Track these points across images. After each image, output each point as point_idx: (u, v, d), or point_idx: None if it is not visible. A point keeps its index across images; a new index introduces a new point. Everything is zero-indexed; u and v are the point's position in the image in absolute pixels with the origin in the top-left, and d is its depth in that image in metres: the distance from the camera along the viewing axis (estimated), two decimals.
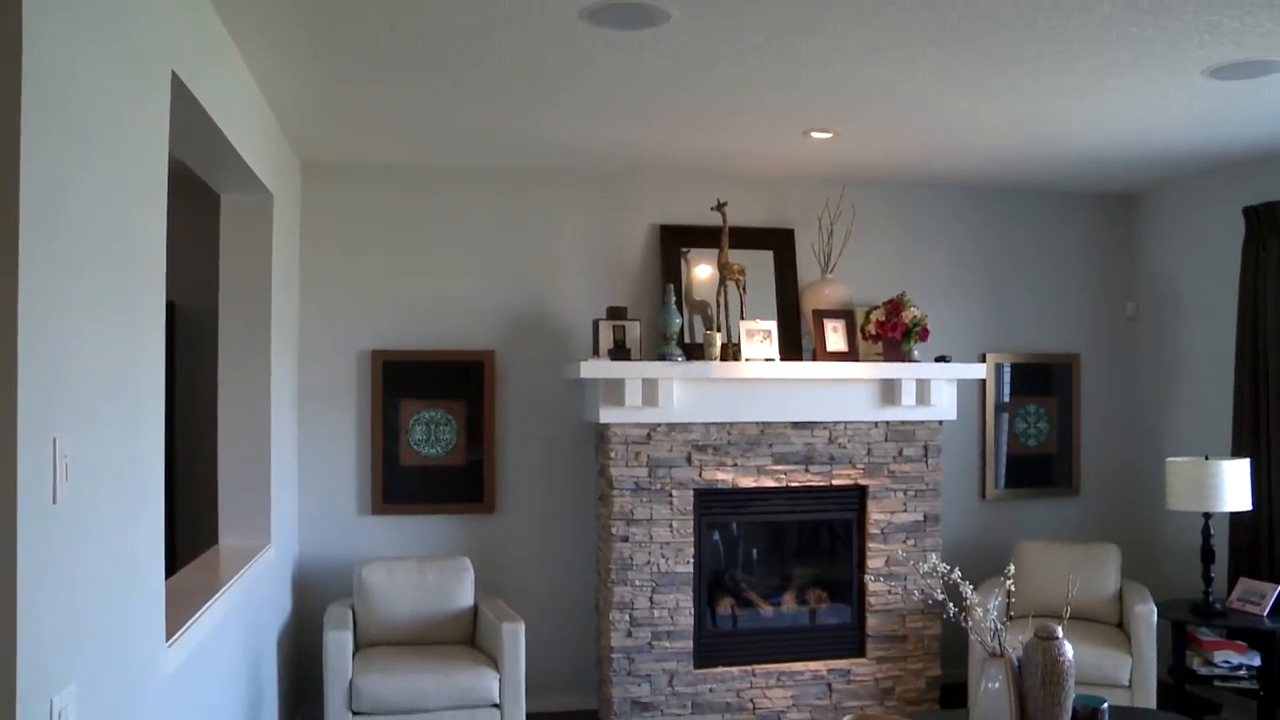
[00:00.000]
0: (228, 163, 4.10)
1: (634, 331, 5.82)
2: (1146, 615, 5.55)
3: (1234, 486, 5.54)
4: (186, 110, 3.28)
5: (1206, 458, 5.69)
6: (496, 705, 5.20)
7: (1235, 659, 5.50)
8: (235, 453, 4.78)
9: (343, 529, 5.91)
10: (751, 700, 5.86)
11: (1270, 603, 5.52)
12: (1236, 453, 5.91)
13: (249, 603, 4.35)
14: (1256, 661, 5.48)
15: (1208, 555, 5.71)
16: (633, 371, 5.54)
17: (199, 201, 4.99)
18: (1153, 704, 5.45)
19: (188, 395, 5.93)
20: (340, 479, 5.92)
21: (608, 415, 5.60)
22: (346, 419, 5.93)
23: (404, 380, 5.96)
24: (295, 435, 5.75)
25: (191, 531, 5.78)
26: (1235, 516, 5.91)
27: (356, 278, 5.93)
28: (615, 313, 5.84)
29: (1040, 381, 6.90)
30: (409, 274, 5.98)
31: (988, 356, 6.75)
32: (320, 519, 5.89)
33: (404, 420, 5.96)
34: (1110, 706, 4.21)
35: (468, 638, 5.64)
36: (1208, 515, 5.69)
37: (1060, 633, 4.00)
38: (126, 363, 2.55)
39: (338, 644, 5.03)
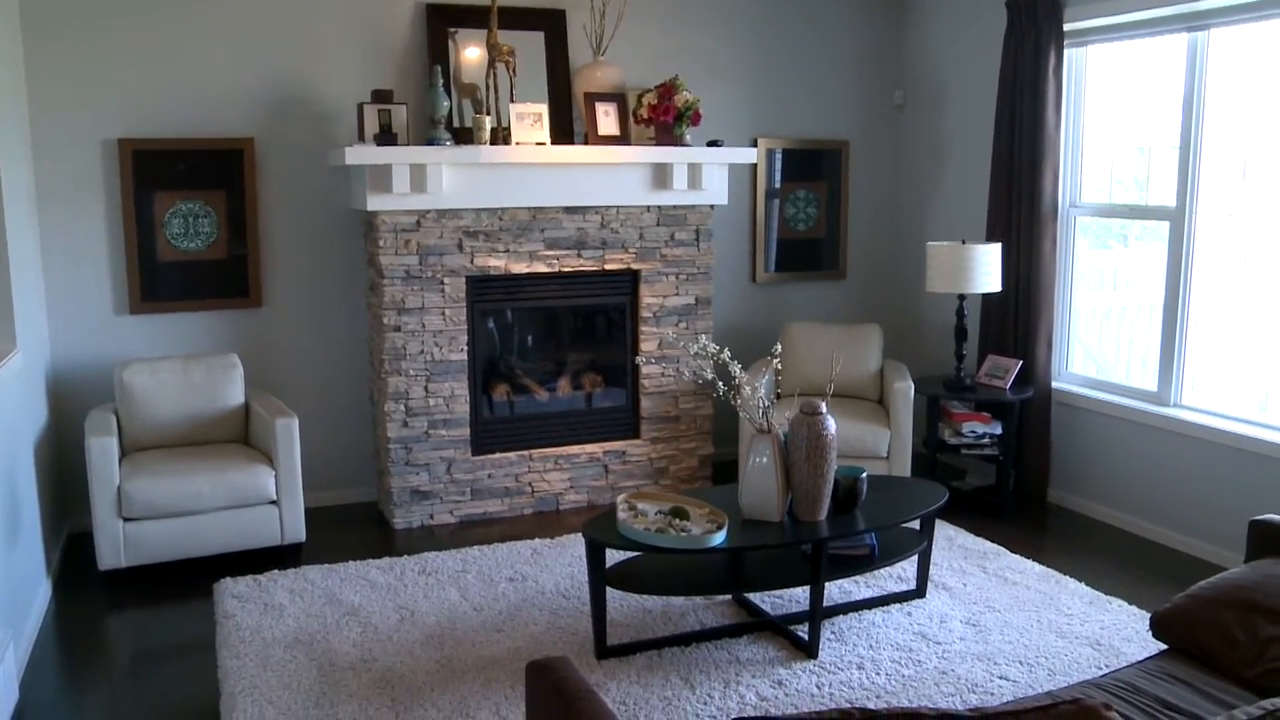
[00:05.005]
0: None
1: (400, 116, 5.61)
2: (904, 391, 5.86)
3: (986, 269, 5.84)
4: None
5: (963, 242, 5.95)
6: (273, 502, 5.16)
7: (980, 429, 5.91)
8: None
9: (99, 330, 5.61)
10: (530, 484, 5.98)
11: (1012, 377, 5.93)
12: (990, 238, 6.21)
13: None
14: (998, 430, 5.91)
15: (961, 334, 6.05)
16: (400, 157, 5.35)
17: None
18: (908, 472, 5.82)
19: None
20: (93, 278, 5.58)
21: (375, 202, 5.42)
22: (95, 213, 5.54)
23: (156, 171, 5.59)
24: (37, 233, 5.36)
25: None
26: (986, 298, 6.26)
27: (95, 61, 5.44)
28: (380, 96, 5.59)
29: (810, 167, 7.03)
30: (155, 56, 5.53)
31: (759, 141, 6.81)
32: (73, 321, 5.56)
33: (159, 213, 5.63)
34: (869, 476, 4.47)
35: (240, 436, 5.53)
36: (962, 297, 6.00)
37: (824, 409, 4.18)
38: None
39: (101, 449, 4.85)
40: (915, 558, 4.71)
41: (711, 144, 6.03)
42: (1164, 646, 3.26)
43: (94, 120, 5.48)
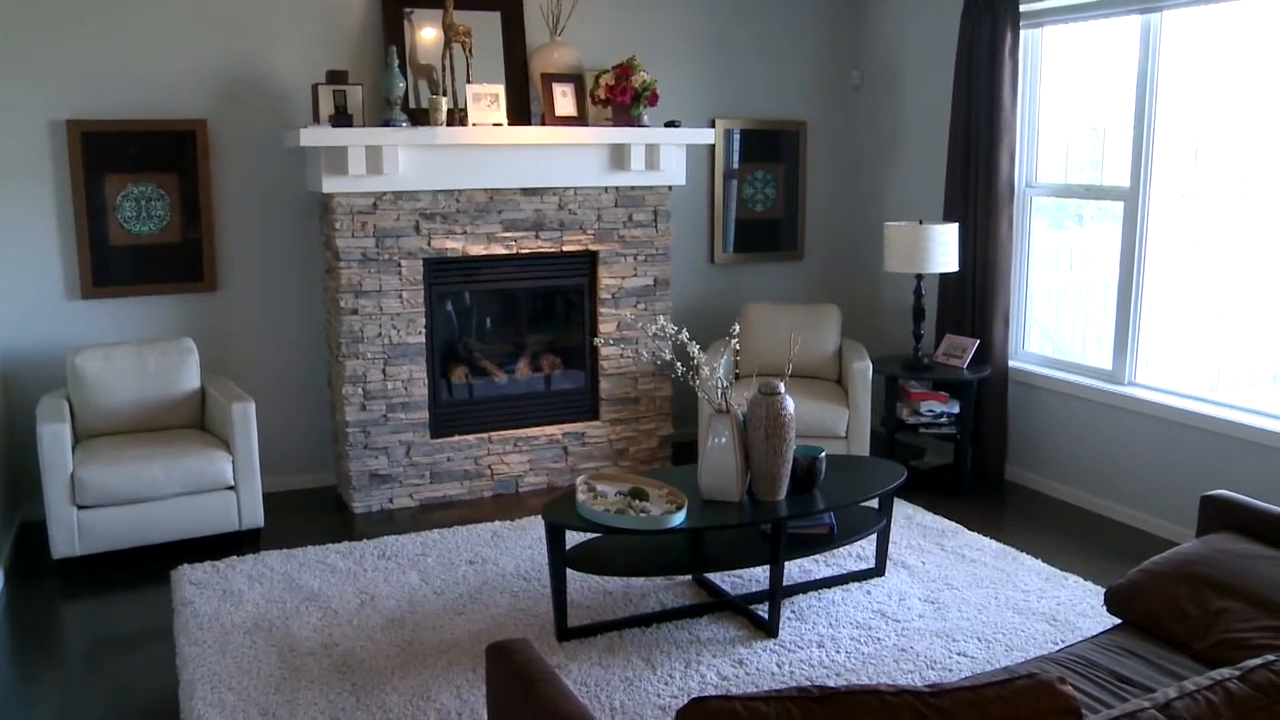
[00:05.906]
0: None
1: (356, 96, 5.55)
2: (863, 371, 5.89)
3: (943, 250, 5.86)
4: None
5: (920, 222, 5.98)
6: (231, 487, 5.12)
7: (938, 408, 5.95)
8: None
9: (50, 316, 5.52)
10: (489, 466, 5.96)
11: (970, 356, 5.97)
12: (947, 218, 6.23)
13: None
14: (956, 409, 5.95)
15: (918, 314, 6.08)
16: (355, 138, 5.30)
17: None
18: (867, 451, 5.85)
19: None
20: (42, 263, 5.48)
21: (331, 185, 5.37)
22: (44, 197, 5.44)
23: (107, 153, 5.50)
24: None
25: None
26: (944, 277, 6.29)
27: (41, 40, 5.33)
28: (335, 77, 5.53)
29: (768, 148, 7.03)
30: (103, 35, 5.43)
31: (717, 122, 6.80)
32: (23, 307, 5.46)
33: (110, 197, 5.55)
34: (827, 455, 4.49)
35: (196, 421, 5.47)
36: (920, 276, 6.03)
37: (782, 388, 4.19)
38: None
39: (53, 437, 4.78)
40: (874, 536, 4.74)
41: (669, 125, 6.01)
42: (1118, 621, 3.30)
43: (41, 101, 5.38)
